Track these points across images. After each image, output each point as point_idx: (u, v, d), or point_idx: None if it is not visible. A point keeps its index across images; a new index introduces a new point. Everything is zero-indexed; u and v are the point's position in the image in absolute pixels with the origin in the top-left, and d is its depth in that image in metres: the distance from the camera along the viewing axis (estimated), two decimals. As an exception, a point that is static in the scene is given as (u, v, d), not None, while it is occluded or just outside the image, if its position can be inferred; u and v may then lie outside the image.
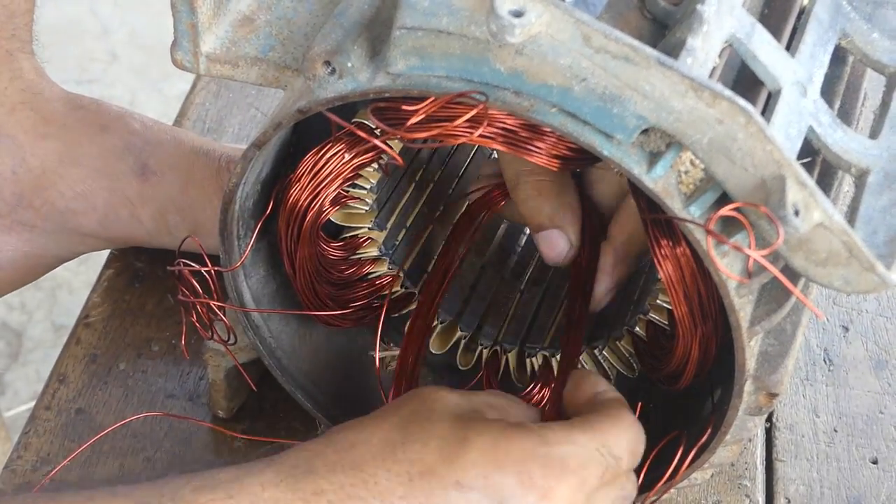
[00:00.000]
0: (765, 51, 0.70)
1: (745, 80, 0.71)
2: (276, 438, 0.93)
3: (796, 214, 0.63)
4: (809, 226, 0.64)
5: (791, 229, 0.63)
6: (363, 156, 0.81)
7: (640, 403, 0.78)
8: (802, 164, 0.65)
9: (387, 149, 0.75)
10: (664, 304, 0.82)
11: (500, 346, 0.92)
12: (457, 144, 0.88)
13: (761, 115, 0.64)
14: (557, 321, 0.93)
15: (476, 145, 0.98)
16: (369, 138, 0.73)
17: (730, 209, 0.65)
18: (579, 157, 0.73)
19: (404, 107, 0.69)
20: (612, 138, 0.67)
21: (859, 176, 0.73)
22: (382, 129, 0.71)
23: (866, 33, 0.78)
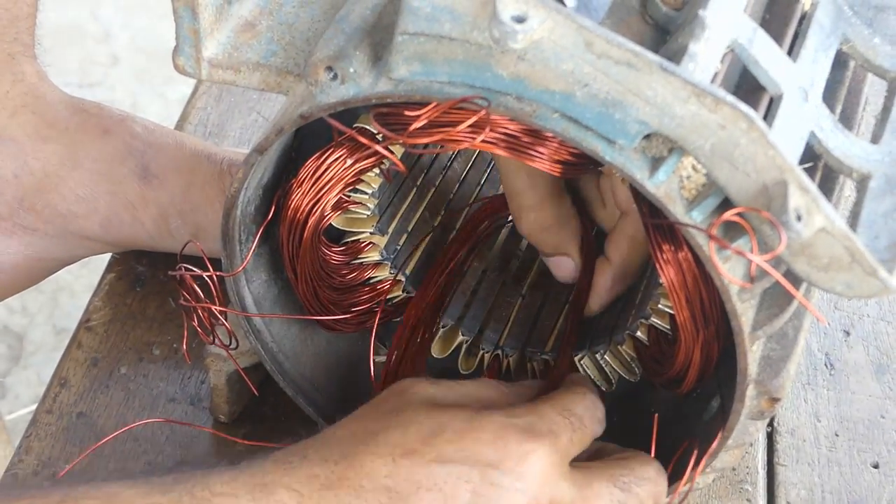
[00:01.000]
0: (766, 56, 0.70)
1: (746, 85, 0.71)
2: (277, 443, 0.92)
3: (798, 219, 0.63)
4: (812, 231, 0.64)
5: (793, 234, 0.64)
6: (365, 161, 0.81)
7: (655, 415, 0.80)
8: (804, 170, 0.65)
9: (389, 154, 0.75)
10: (666, 309, 0.82)
11: (501, 351, 0.92)
12: (458, 150, 0.88)
13: (763, 121, 0.64)
14: (559, 326, 0.93)
15: (476, 150, 0.98)
16: (371, 144, 0.73)
17: (732, 214, 0.65)
18: (581, 163, 0.73)
19: (406, 112, 0.69)
20: (614, 144, 0.67)
21: (861, 181, 0.73)
22: (384, 135, 0.71)
23: (867, 38, 0.78)
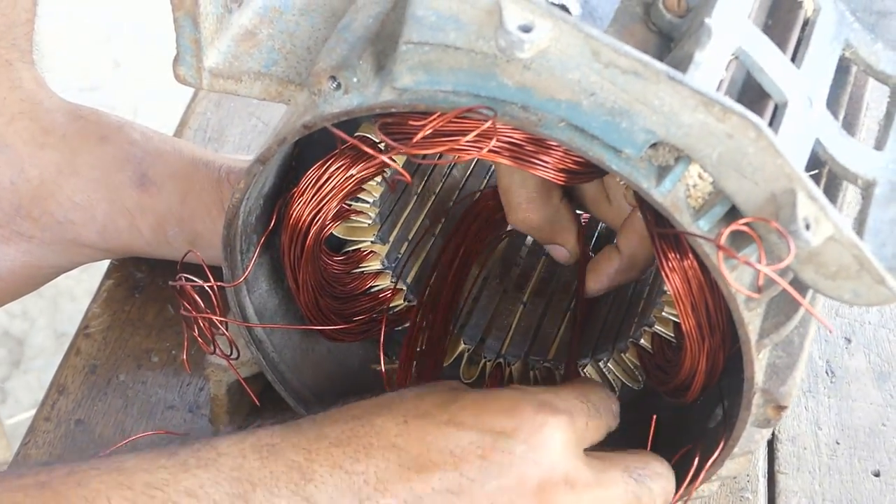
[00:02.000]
0: (771, 63, 0.69)
1: (750, 92, 0.70)
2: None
3: (807, 228, 0.63)
4: (820, 240, 0.63)
5: (802, 243, 0.63)
6: (366, 170, 0.80)
7: (654, 417, 0.79)
8: (810, 177, 0.65)
9: (393, 164, 0.74)
10: (670, 317, 0.82)
11: (503, 359, 0.91)
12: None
13: (770, 129, 0.63)
14: (561, 333, 0.92)
15: (475, 158, 0.97)
16: (376, 154, 0.72)
17: (741, 225, 0.65)
18: (586, 171, 0.73)
19: (411, 122, 0.69)
20: (620, 153, 0.66)
21: (866, 188, 0.73)
22: (387, 144, 0.70)
23: (870, 44, 0.78)
